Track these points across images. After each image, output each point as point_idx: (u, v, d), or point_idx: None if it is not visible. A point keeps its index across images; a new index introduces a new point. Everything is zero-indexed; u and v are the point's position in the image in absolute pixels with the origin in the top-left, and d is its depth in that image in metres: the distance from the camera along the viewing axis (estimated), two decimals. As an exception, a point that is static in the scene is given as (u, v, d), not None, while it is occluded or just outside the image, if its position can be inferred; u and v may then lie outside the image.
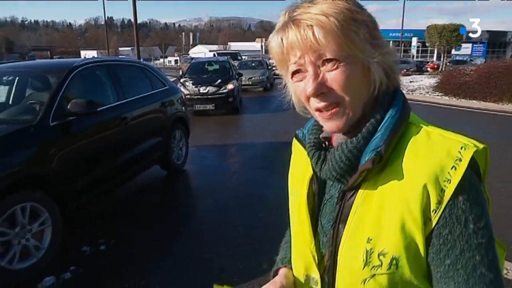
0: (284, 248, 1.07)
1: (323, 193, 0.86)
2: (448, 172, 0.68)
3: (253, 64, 20.68)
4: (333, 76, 0.72)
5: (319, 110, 0.76)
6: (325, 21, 0.69)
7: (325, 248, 0.82)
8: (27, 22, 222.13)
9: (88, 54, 64.35)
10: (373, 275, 0.72)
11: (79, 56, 59.48)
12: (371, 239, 0.72)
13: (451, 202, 0.68)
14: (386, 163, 0.73)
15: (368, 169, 0.71)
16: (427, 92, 17.24)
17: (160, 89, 5.91)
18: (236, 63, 20.21)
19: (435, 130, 0.75)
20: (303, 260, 0.87)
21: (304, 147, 0.89)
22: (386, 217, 0.71)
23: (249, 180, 5.87)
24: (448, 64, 33.32)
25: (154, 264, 3.48)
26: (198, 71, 13.43)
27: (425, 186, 0.68)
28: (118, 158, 4.56)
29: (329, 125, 0.77)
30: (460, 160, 0.68)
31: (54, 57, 51.99)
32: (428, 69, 34.09)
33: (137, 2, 18.79)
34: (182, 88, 11.68)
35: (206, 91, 11.90)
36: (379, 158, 0.71)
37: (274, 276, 0.99)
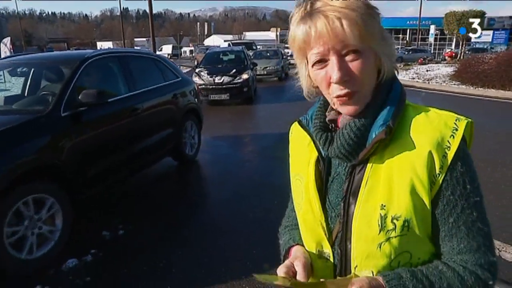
0: (286, 232, 1.11)
1: (328, 173, 0.93)
2: (448, 140, 0.80)
3: (268, 54, 20.54)
4: (356, 66, 0.79)
5: (339, 96, 0.82)
6: (351, 15, 0.77)
7: (333, 223, 0.90)
8: (44, 14, 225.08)
9: (104, 45, 64.86)
10: (388, 238, 0.81)
11: (96, 47, 59.96)
12: (384, 206, 0.81)
13: (451, 166, 0.79)
14: (391, 139, 0.82)
15: (379, 141, 0.81)
16: (444, 81, 16.90)
17: (172, 81, 5.91)
18: (251, 52, 20.10)
19: (429, 108, 0.87)
20: (314, 236, 0.93)
21: (307, 131, 0.96)
22: (396, 184, 0.81)
23: (263, 169, 5.91)
24: (467, 52, 32.51)
25: (170, 250, 3.57)
26: (213, 61, 13.46)
27: (430, 153, 0.79)
28: (128, 149, 4.60)
29: (347, 109, 0.84)
30: (456, 129, 0.81)
31: (71, 48, 52.58)
32: (446, 57, 33.34)
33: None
34: (197, 78, 11.72)
35: (221, 81, 11.91)
36: (389, 130, 0.80)
37: (285, 256, 1.03)
